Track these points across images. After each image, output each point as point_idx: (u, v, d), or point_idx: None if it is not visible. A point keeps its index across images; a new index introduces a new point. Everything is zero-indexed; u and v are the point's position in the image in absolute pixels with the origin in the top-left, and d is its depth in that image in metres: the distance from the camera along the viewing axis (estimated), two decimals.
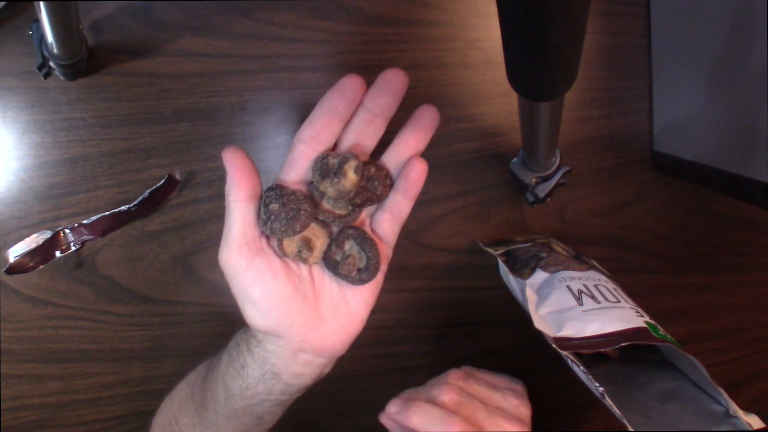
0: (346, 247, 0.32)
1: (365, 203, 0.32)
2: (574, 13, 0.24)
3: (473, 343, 0.51)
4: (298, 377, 0.32)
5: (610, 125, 0.49)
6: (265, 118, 0.44)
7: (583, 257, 0.45)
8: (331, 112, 0.30)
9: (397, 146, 0.33)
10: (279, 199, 0.30)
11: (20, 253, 0.40)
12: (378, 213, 0.33)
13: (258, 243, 0.30)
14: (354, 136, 0.32)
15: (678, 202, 0.52)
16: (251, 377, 0.32)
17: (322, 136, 0.31)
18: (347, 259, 0.31)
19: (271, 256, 0.30)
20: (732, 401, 0.32)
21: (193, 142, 0.43)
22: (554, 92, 0.30)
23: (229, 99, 0.43)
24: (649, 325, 0.35)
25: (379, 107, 0.31)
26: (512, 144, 0.47)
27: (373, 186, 0.31)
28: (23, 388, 0.44)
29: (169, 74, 0.42)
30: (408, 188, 0.32)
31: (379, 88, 0.31)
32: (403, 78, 0.30)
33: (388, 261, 0.34)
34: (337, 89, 0.30)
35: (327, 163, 0.30)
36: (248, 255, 0.30)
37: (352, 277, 0.32)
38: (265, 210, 0.30)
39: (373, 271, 0.32)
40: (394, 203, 0.33)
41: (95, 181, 0.42)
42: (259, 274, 0.30)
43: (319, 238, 0.32)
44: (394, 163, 0.33)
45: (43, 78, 0.39)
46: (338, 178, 0.29)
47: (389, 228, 0.34)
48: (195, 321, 0.46)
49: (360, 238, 0.32)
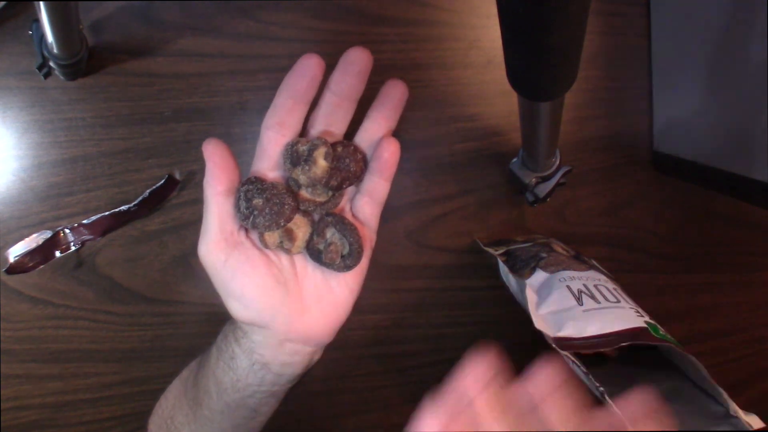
0: (327, 235, 0.32)
1: (342, 184, 0.31)
2: (574, 13, 0.24)
3: (473, 343, 0.50)
4: (287, 366, 0.32)
5: (610, 125, 0.49)
6: None
7: (583, 257, 0.45)
8: (294, 96, 0.30)
9: (368, 126, 0.32)
10: (261, 194, 0.30)
11: (20, 253, 0.40)
12: (357, 197, 0.33)
13: (236, 236, 0.30)
14: (323, 120, 0.31)
15: (678, 202, 0.52)
16: (241, 368, 0.32)
17: (288, 121, 0.30)
18: (329, 247, 0.31)
19: (250, 249, 0.30)
20: (732, 401, 0.32)
21: (193, 142, 0.43)
22: (554, 92, 0.30)
23: (229, 99, 0.43)
24: (649, 325, 0.35)
25: (344, 90, 0.30)
26: (512, 144, 0.47)
27: (345, 164, 0.31)
28: (23, 388, 0.44)
29: (169, 74, 0.42)
30: (383, 169, 0.32)
31: (342, 70, 0.30)
32: (365, 57, 0.30)
33: (372, 245, 0.34)
34: (296, 72, 0.30)
35: (297, 151, 0.30)
36: (227, 249, 0.30)
37: (336, 264, 0.31)
38: (248, 205, 0.30)
39: (356, 256, 0.31)
40: (371, 185, 0.32)
41: (95, 181, 0.42)
42: (238, 267, 0.30)
43: (301, 227, 0.31)
44: (367, 144, 0.32)
45: (43, 78, 0.39)
46: (309, 166, 0.29)
47: (370, 211, 0.33)
48: (195, 321, 0.46)
49: (340, 224, 0.31)
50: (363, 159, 0.32)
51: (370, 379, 0.50)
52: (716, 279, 0.54)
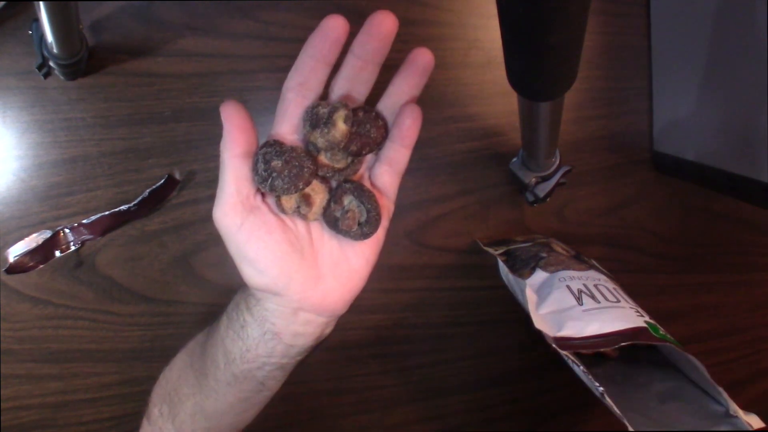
0: (345, 202, 0.31)
1: (362, 150, 0.31)
2: (574, 13, 0.24)
3: (473, 343, 0.51)
4: (298, 337, 0.32)
5: (610, 125, 0.49)
6: (265, 118, 0.44)
7: (583, 257, 0.45)
8: (316, 56, 0.29)
9: (391, 93, 0.32)
10: (280, 156, 0.29)
11: (20, 253, 0.40)
12: (376, 165, 0.33)
13: (252, 200, 0.30)
14: (345, 84, 0.31)
15: (678, 202, 0.52)
16: (251, 338, 0.32)
17: (311, 82, 0.30)
18: (347, 214, 0.31)
19: (266, 213, 0.30)
20: (732, 401, 0.32)
21: (193, 142, 0.43)
22: (554, 92, 0.30)
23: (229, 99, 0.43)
24: (649, 325, 0.35)
25: (368, 53, 0.30)
26: (512, 144, 0.47)
27: (366, 130, 0.30)
28: (23, 388, 0.44)
29: (169, 74, 0.42)
30: (404, 136, 0.31)
31: (367, 32, 0.29)
32: (392, 20, 0.29)
33: (389, 215, 0.33)
34: (319, 32, 0.29)
35: (317, 113, 0.29)
36: (243, 212, 0.29)
37: (353, 231, 0.31)
38: (266, 167, 0.29)
39: (374, 224, 0.31)
40: (391, 153, 0.32)
41: (95, 181, 0.42)
42: (254, 232, 0.29)
43: (318, 193, 0.31)
44: (389, 111, 0.32)
45: (43, 78, 0.39)
46: (328, 128, 0.29)
47: (389, 180, 0.33)
48: (195, 321, 0.46)
49: (358, 191, 0.31)
50: (384, 125, 0.31)
51: (370, 379, 0.50)
52: (716, 279, 0.55)
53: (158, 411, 0.35)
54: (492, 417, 0.52)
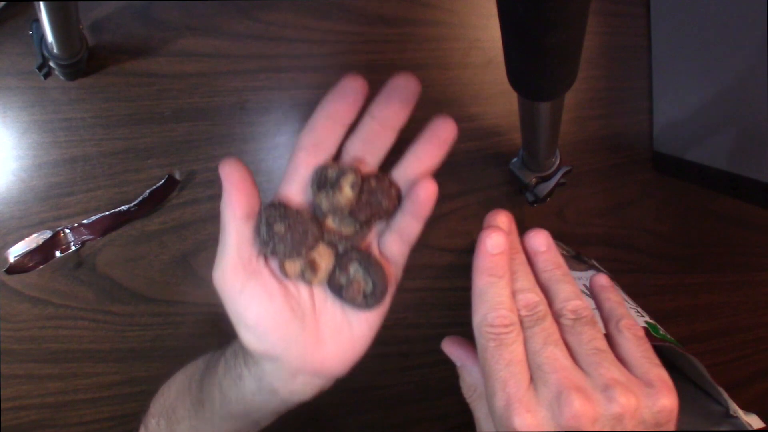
0: (350, 270, 0.30)
1: (372, 219, 0.30)
2: (574, 13, 0.24)
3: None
4: (295, 394, 0.31)
5: (610, 125, 0.49)
6: (265, 118, 0.44)
7: (583, 257, 0.45)
8: (333, 117, 0.28)
9: (408, 162, 0.30)
10: (284, 219, 0.28)
11: (20, 253, 0.40)
12: (386, 234, 0.31)
13: (254, 263, 0.29)
14: (359, 146, 0.29)
15: (678, 202, 0.52)
16: (247, 389, 0.31)
17: (325, 143, 0.29)
18: (352, 284, 0.30)
19: (268, 278, 0.29)
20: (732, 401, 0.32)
21: (193, 142, 0.43)
22: (554, 92, 0.30)
23: (229, 99, 0.43)
24: (649, 325, 0.35)
25: (387, 117, 0.29)
26: (512, 144, 0.47)
27: (377, 200, 0.29)
28: (23, 388, 0.44)
29: (169, 74, 0.42)
30: (417, 210, 0.29)
31: (387, 95, 0.28)
32: (414, 84, 0.28)
33: (397, 283, 0.32)
34: (338, 92, 0.28)
35: (325, 175, 0.28)
36: (244, 276, 0.28)
37: (358, 302, 0.30)
38: (268, 230, 0.28)
39: (379, 296, 0.30)
40: (403, 225, 0.30)
41: (95, 181, 0.42)
42: (255, 297, 0.28)
43: (324, 258, 0.30)
44: (404, 180, 0.30)
45: (43, 78, 0.39)
46: (333, 192, 0.28)
47: (398, 250, 0.31)
48: (195, 321, 0.46)
49: (365, 261, 0.30)
50: (397, 195, 0.30)
51: (370, 379, 0.50)
52: (716, 279, 0.54)
53: (156, 423, 0.35)
54: None
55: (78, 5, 0.33)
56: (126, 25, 0.41)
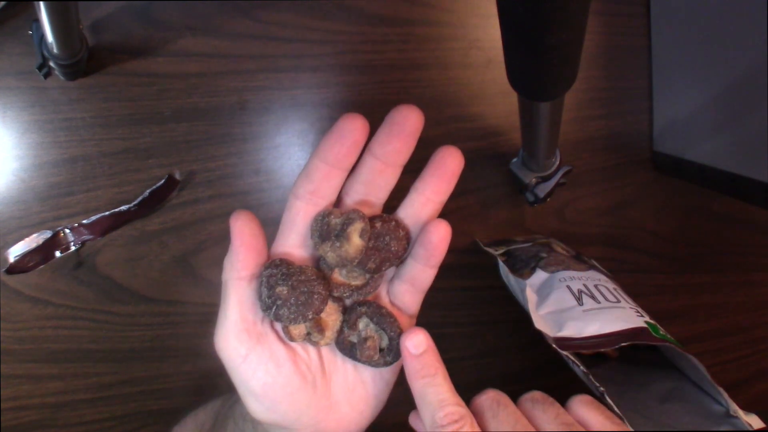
0: (360, 326, 0.27)
1: (381, 266, 0.27)
2: (574, 13, 0.24)
3: (473, 343, 0.51)
4: None
5: (610, 125, 0.49)
6: (265, 118, 0.44)
7: (583, 257, 0.45)
8: (330, 161, 0.25)
9: (415, 199, 0.28)
10: (286, 280, 0.25)
11: (20, 253, 0.40)
12: (396, 283, 0.29)
13: (259, 327, 0.26)
14: (361, 188, 0.27)
15: (678, 202, 0.52)
16: None
17: (322, 190, 0.26)
18: (365, 342, 0.27)
19: (274, 342, 0.27)
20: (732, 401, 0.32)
21: (193, 142, 0.43)
22: (554, 92, 0.30)
23: (229, 99, 0.43)
24: (649, 325, 0.35)
25: (389, 154, 0.26)
26: (512, 144, 0.47)
27: (385, 243, 0.27)
28: (23, 388, 0.44)
29: (169, 74, 0.42)
30: (429, 256, 0.27)
31: (388, 131, 0.26)
32: (417, 117, 0.25)
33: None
34: (334, 134, 0.25)
35: (328, 224, 0.26)
36: (248, 342, 0.26)
37: (375, 361, 0.27)
38: (270, 293, 0.25)
39: (397, 351, 0.27)
40: (414, 272, 0.28)
41: (95, 181, 0.42)
42: (261, 364, 0.26)
43: (331, 315, 0.27)
44: (412, 219, 0.28)
45: (43, 78, 0.39)
46: (341, 243, 0.25)
47: (410, 299, 0.29)
48: (195, 321, 0.46)
49: (376, 315, 0.27)
50: (406, 237, 0.27)
51: None
52: (716, 279, 0.54)
53: None
54: None
55: (78, 5, 0.33)
56: (126, 25, 0.41)
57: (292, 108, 0.44)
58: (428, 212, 0.28)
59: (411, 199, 0.28)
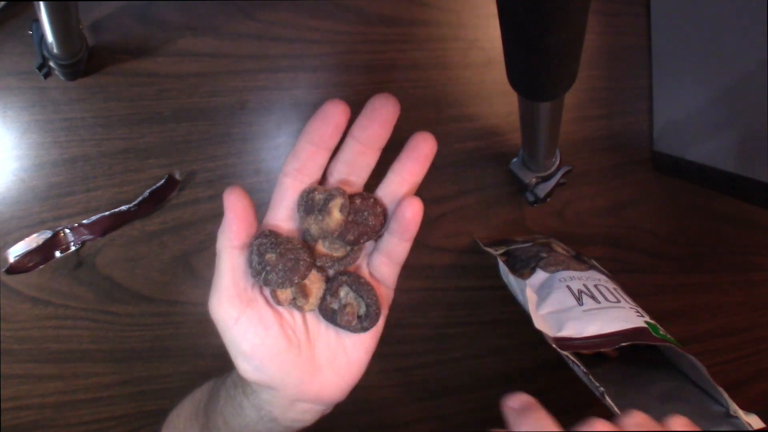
0: (341, 294, 0.30)
1: (360, 239, 0.29)
2: (574, 13, 0.24)
3: (473, 343, 0.51)
4: (296, 422, 0.32)
5: (610, 125, 0.49)
6: (265, 118, 0.44)
7: (583, 257, 0.45)
8: (315, 142, 0.28)
9: (392, 179, 0.30)
10: (275, 248, 0.28)
11: (20, 253, 0.40)
12: (374, 256, 0.32)
13: (249, 292, 0.29)
14: (343, 168, 0.30)
15: (678, 202, 0.52)
16: (249, 417, 0.31)
17: (309, 168, 0.29)
18: (345, 308, 0.30)
19: (263, 306, 0.29)
20: (732, 401, 0.32)
21: (193, 142, 0.43)
22: (554, 92, 0.30)
23: (229, 99, 0.43)
24: (649, 325, 0.35)
25: (369, 137, 0.29)
26: (512, 144, 0.47)
27: (364, 218, 0.29)
28: (23, 388, 0.44)
29: (169, 74, 0.42)
30: (403, 231, 0.30)
31: (368, 116, 0.29)
32: (393, 105, 0.28)
33: (389, 304, 0.33)
34: (319, 117, 0.28)
35: (312, 199, 0.29)
36: (239, 305, 0.28)
37: (353, 326, 0.30)
38: (260, 260, 0.28)
39: (374, 317, 0.30)
40: (390, 246, 0.31)
41: (95, 181, 0.42)
42: (251, 326, 0.29)
43: (315, 283, 0.30)
44: (389, 198, 0.31)
45: (43, 78, 0.39)
46: (322, 216, 0.28)
47: (388, 271, 0.32)
48: (195, 321, 0.46)
49: (355, 284, 0.30)
50: (383, 213, 0.30)
51: (370, 379, 0.49)
52: (716, 279, 0.54)
53: None
54: (492, 417, 0.52)
55: (78, 5, 0.33)
56: (126, 25, 0.41)
57: (292, 108, 0.44)
58: (404, 191, 0.30)
59: (389, 179, 0.30)
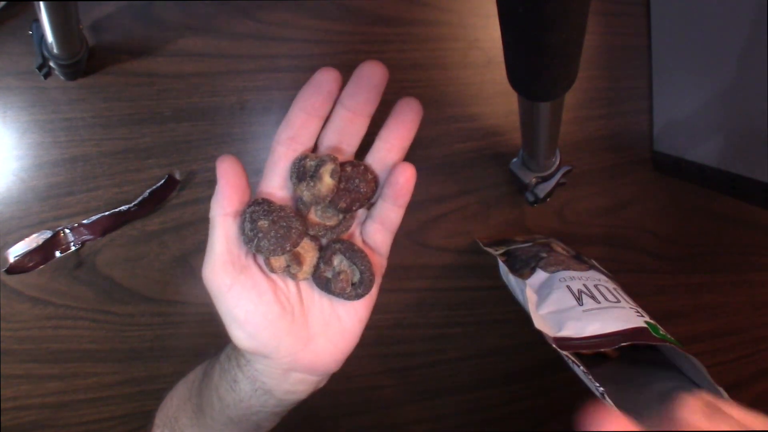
0: (335, 262, 0.30)
1: (352, 206, 0.30)
2: (574, 13, 0.24)
3: (473, 343, 0.51)
4: (290, 394, 0.32)
5: (610, 125, 0.49)
6: (265, 118, 0.44)
7: (583, 257, 0.45)
8: (308, 109, 0.28)
9: (380, 146, 0.30)
10: (267, 216, 0.28)
11: (20, 253, 0.40)
12: (368, 223, 0.32)
13: (243, 260, 0.29)
14: (334, 136, 0.30)
15: (678, 202, 0.52)
16: (243, 391, 0.31)
17: (301, 136, 0.29)
18: (339, 276, 0.30)
19: (256, 274, 0.29)
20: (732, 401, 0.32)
21: (193, 142, 0.43)
22: (554, 92, 0.30)
23: (229, 99, 0.43)
24: (649, 325, 0.35)
25: (358, 104, 0.29)
26: (512, 144, 0.47)
27: (355, 185, 0.29)
28: (23, 388, 0.44)
29: (169, 74, 0.42)
30: (396, 196, 0.30)
31: (356, 83, 0.29)
32: (381, 70, 0.28)
33: (382, 272, 0.33)
34: (312, 85, 0.28)
35: (304, 166, 0.29)
36: (233, 273, 0.28)
37: (347, 293, 0.30)
38: (252, 227, 0.28)
39: (368, 284, 0.30)
40: (384, 212, 0.31)
41: (95, 181, 0.42)
42: (244, 293, 0.29)
43: (309, 252, 0.30)
44: (379, 165, 0.31)
45: (43, 78, 0.39)
46: (314, 182, 0.28)
47: (381, 238, 0.32)
48: (195, 321, 0.46)
49: (349, 251, 0.30)
50: (374, 180, 0.30)
51: (370, 379, 0.50)
52: (716, 279, 0.54)
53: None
54: (492, 417, 0.52)
55: (78, 5, 0.33)
56: (126, 25, 0.41)
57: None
58: (393, 158, 0.30)
59: (377, 146, 0.31)
